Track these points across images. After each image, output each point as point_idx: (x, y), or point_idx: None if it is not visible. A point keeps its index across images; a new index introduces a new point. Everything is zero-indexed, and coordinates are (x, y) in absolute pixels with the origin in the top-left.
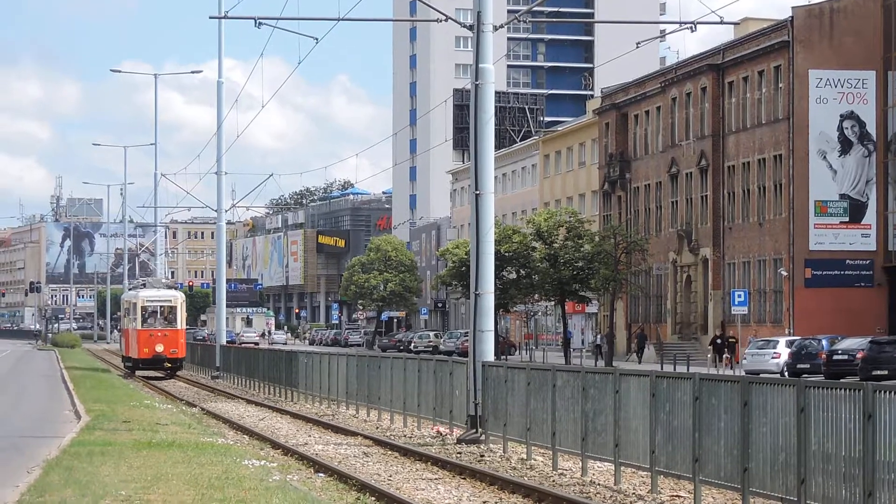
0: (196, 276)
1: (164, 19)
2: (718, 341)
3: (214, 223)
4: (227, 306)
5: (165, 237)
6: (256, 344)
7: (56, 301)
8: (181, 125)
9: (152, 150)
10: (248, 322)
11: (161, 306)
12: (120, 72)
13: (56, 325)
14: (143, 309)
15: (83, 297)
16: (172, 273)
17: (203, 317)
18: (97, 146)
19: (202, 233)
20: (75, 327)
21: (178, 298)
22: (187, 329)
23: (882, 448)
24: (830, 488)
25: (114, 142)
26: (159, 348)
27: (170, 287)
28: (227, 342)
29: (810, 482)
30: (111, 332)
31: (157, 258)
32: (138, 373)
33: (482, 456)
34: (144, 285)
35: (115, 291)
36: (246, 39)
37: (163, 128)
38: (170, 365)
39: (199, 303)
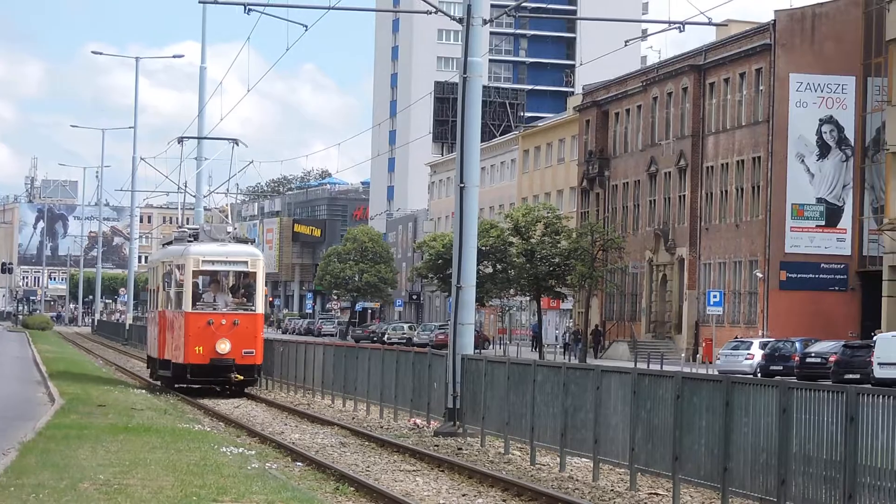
0: (147, 270)
1: (131, 1)
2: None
3: (189, 208)
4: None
5: (140, 221)
6: None
7: (28, 283)
8: (143, 108)
9: (117, 133)
10: None
11: (228, 272)
12: (101, 54)
13: (37, 308)
14: (197, 276)
15: (55, 279)
16: (146, 258)
17: None
18: (75, 128)
19: (177, 218)
20: (54, 314)
21: (257, 259)
22: None
23: (864, 451)
24: (811, 490)
25: (80, 123)
26: (223, 347)
27: (240, 240)
28: None
29: (791, 483)
30: (82, 317)
31: (133, 242)
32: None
33: (460, 449)
34: (195, 237)
35: (87, 274)
36: (211, 24)
37: (128, 111)
38: (240, 377)
39: None
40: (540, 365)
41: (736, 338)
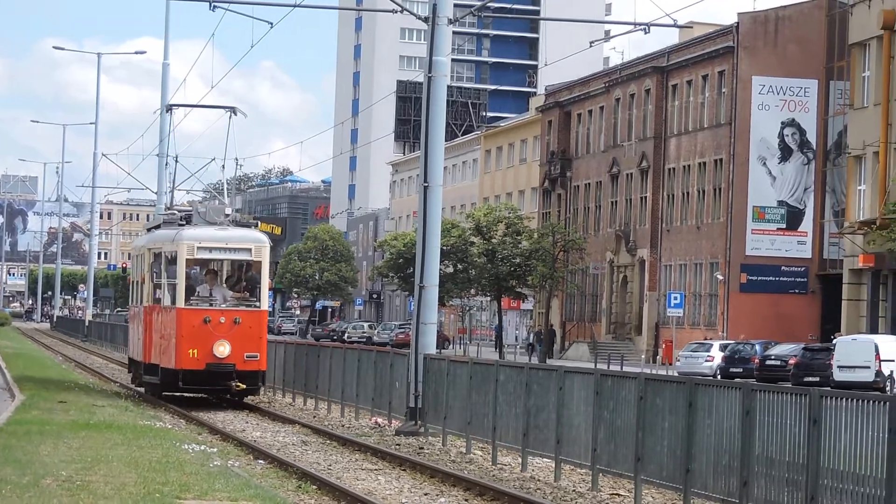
0: (130, 259)
1: None
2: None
3: (150, 205)
4: None
5: (100, 217)
6: None
7: None
8: (102, 105)
9: (76, 129)
10: None
11: (229, 261)
12: (63, 49)
13: None
14: (191, 265)
15: (14, 275)
16: (106, 254)
17: None
18: (35, 123)
19: (137, 215)
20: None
21: (262, 247)
22: (119, 312)
23: (826, 454)
24: (773, 492)
25: (39, 118)
26: (222, 350)
27: (241, 223)
28: None
29: (753, 485)
30: (40, 312)
31: (93, 238)
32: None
33: (421, 448)
34: (188, 219)
35: (46, 270)
36: (165, 18)
37: (86, 106)
38: (242, 385)
39: None
40: (502, 365)
41: (707, 338)
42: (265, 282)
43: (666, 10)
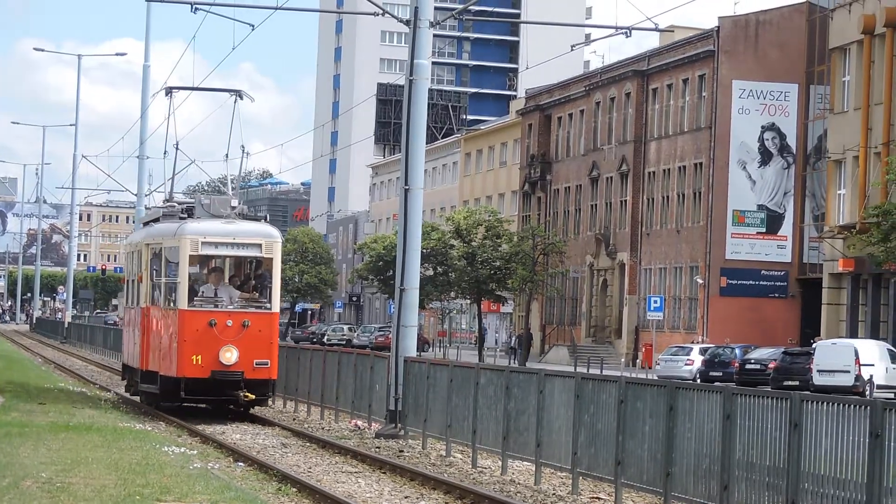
0: (109, 260)
1: None
2: None
3: (130, 207)
4: None
5: (80, 219)
6: None
7: None
8: (80, 106)
9: (54, 130)
10: None
11: (237, 258)
12: (42, 50)
13: None
14: (195, 263)
15: None
16: (85, 256)
17: (115, 301)
18: (16, 124)
19: (117, 217)
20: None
21: (273, 242)
22: (98, 314)
23: (807, 458)
24: (753, 496)
25: (17, 120)
26: (229, 356)
27: (249, 216)
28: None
29: (733, 489)
30: (20, 313)
31: (73, 240)
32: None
33: (401, 451)
34: (190, 212)
35: (26, 272)
36: (145, 20)
37: (64, 108)
38: (250, 396)
39: (111, 287)
40: (483, 368)
41: (696, 341)
42: (277, 281)
43: (647, 14)
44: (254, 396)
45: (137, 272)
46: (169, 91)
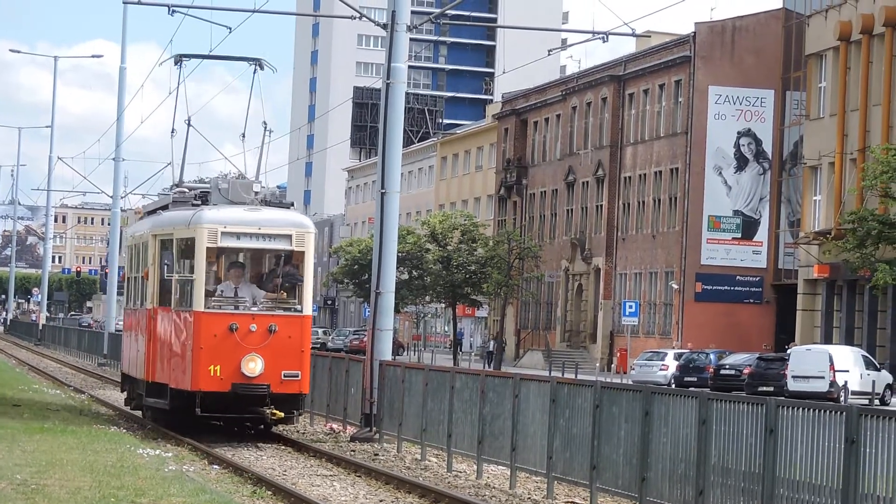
0: (84, 262)
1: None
2: None
3: (105, 209)
4: (118, 294)
5: (55, 221)
6: None
7: None
8: (48, 108)
9: (26, 132)
10: None
11: (262, 251)
12: (20, 52)
13: None
14: (213, 257)
15: None
16: (60, 258)
17: (89, 303)
18: None
19: (92, 218)
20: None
21: (305, 233)
22: (72, 315)
23: (782, 463)
24: (729, 501)
25: None
26: (253, 367)
27: (273, 203)
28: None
29: (709, 494)
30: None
31: (48, 242)
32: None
33: (376, 454)
34: (204, 199)
35: (0, 274)
36: (118, 21)
37: (35, 110)
38: (279, 413)
39: (86, 289)
40: (458, 372)
41: (687, 348)
42: (309, 279)
43: (624, 20)
44: (283, 414)
45: (143, 268)
46: (179, 59)
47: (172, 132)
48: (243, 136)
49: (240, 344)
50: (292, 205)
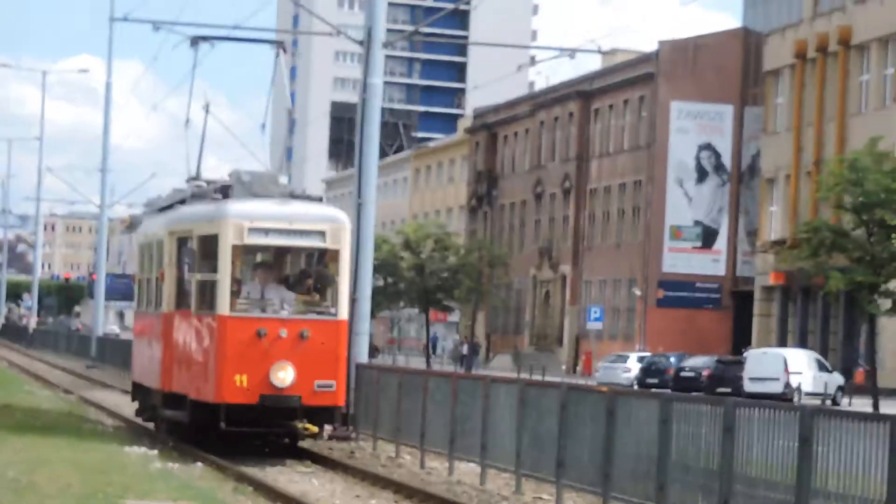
0: (73, 269)
1: (18, 12)
2: None
3: (94, 218)
4: (105, 300)
5: (44, 229)
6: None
7: None
8: (37, 120)
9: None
10: (121, 316)
11: (293, 248)
12: (9, 66)
13: None
14: (239, 255)
15: None
16: (49, 265)
17: (78, 308)
18: None
19: (80, 227)
20: None
21: (340, 229)
22: (61, 320)
23: (739, 461)
24: (688, 496)
25: None
26: (283, 376)
27: (306, 196)
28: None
29: (669, 490)
30: None
31: (37, 249)
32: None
33: (353, 452)
34: (225, 192)
35: None
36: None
37: (20, 122)
38: (313, 429)
39: (74, 294)
40: (431, 374)
41: (655, 352)
42: (345, 280)
43: (590, 37)
44: (316, 429)
45: (157, 269)
46: (195, 41)
47: (187, 122)
48: (263, 127)
49: (268, 351)
50: (321, 199)
